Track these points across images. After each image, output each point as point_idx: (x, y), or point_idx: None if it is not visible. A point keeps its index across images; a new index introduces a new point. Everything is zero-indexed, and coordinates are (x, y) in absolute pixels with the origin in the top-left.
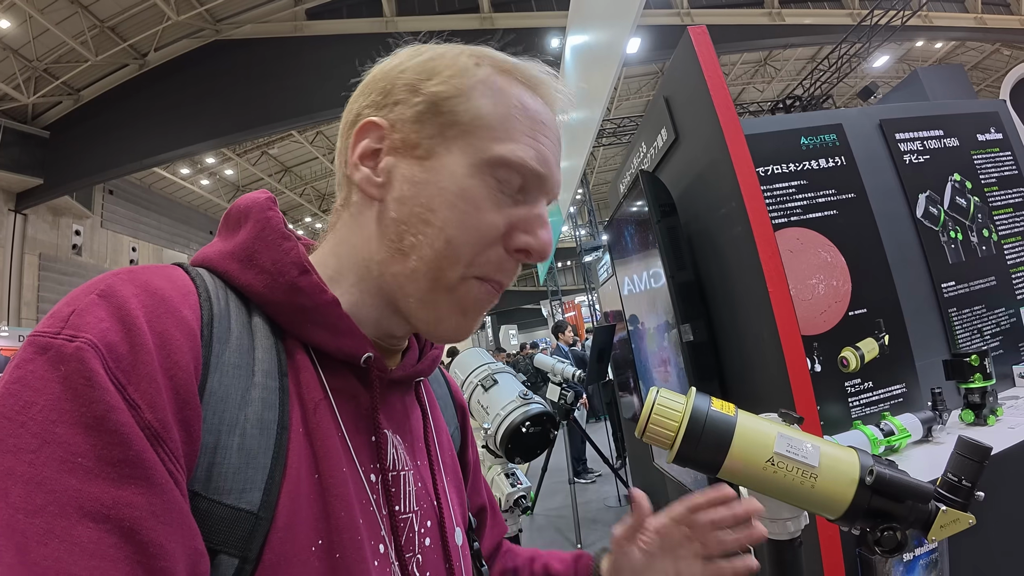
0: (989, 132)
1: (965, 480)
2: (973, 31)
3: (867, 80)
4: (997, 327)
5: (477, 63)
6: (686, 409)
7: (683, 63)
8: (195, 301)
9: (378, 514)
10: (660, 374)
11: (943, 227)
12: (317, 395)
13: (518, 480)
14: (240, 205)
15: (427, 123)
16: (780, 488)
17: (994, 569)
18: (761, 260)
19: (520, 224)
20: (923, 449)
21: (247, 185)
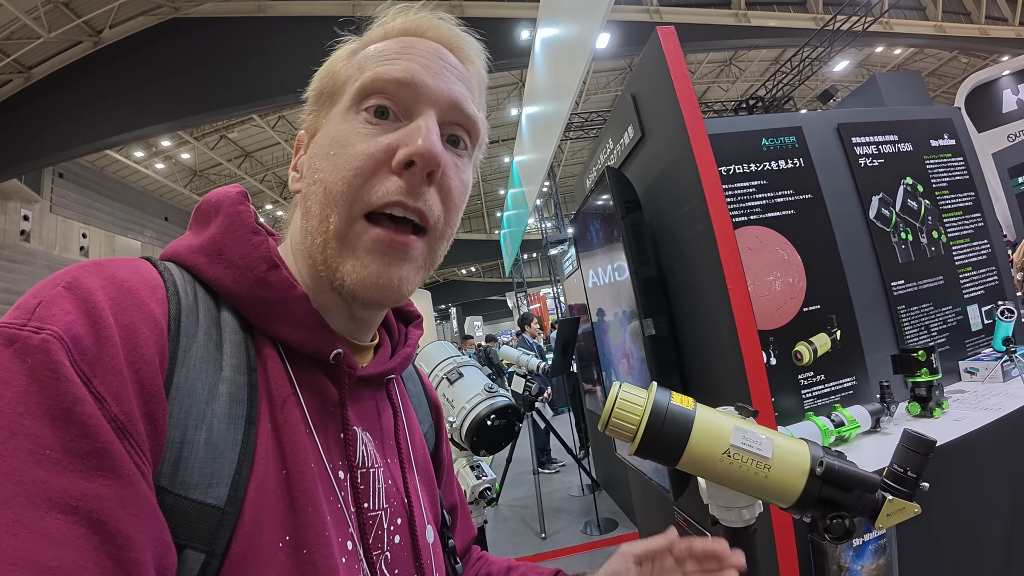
0: (942, 138)
1: (911, 471)
2: (932, 38)
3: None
4: (944, 324)
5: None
6: (647, 403)
7: (651, 62)
8: (162, 295)
9: (346, 511)
10: (623, 367)
11: (894, 228)
12: (285, 390)
13: (483, 472)
14: (211, 199)
15: (314, 112)
16: (736, 478)
17: (939, 553)
18: (721, 257)
19: (400, 140)
20: (872, 439)
21: (204, 170)
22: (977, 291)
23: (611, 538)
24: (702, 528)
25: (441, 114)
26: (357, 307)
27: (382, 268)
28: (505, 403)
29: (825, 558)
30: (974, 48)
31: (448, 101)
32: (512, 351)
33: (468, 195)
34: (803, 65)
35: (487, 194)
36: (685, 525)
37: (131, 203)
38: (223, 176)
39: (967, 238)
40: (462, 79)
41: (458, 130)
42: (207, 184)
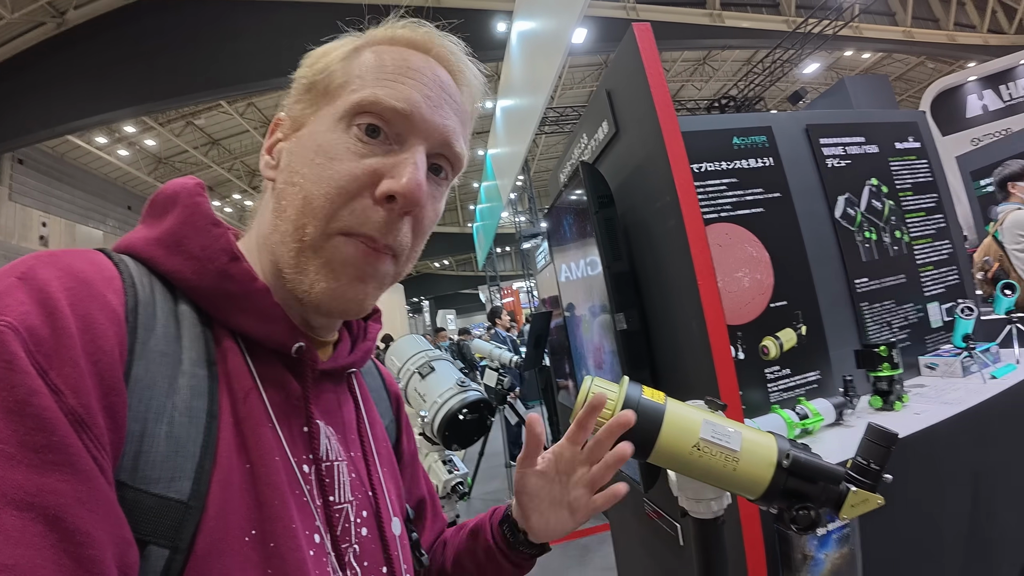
0: (908, 141)
1: (874, 463)
2: (901, 44)
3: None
4: (905, 321)
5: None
6: (619, 397)
7: (626, 58)
8: (119, 286)
9: (312, 504)
10: (594, 360)
11: (859, 227)
12: (247, 384)
13: (455, 467)
14: (167, 191)
15: (303, 102)
16: (705, 471)
17: (901, 543)
18: (692, 254)
19: (386, 170)
20: (835, 432)
21: (169, 157)
22: (938, 289)
23: (582, 530)
24: (672, 519)
25: (431, 147)
26: (313, 313)
27: (351, 283)
28: (477, 397)
29: (791, 548)
30: (941, 54)
31: (440, 137)
32: (485, 345)
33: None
34: (775, 66)
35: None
36: (655, 516)
37: (93, 191)
38: (189, 164)
39: (929, 238)
40: (458, 111)
41: (443, 161)
42: (172, 172)
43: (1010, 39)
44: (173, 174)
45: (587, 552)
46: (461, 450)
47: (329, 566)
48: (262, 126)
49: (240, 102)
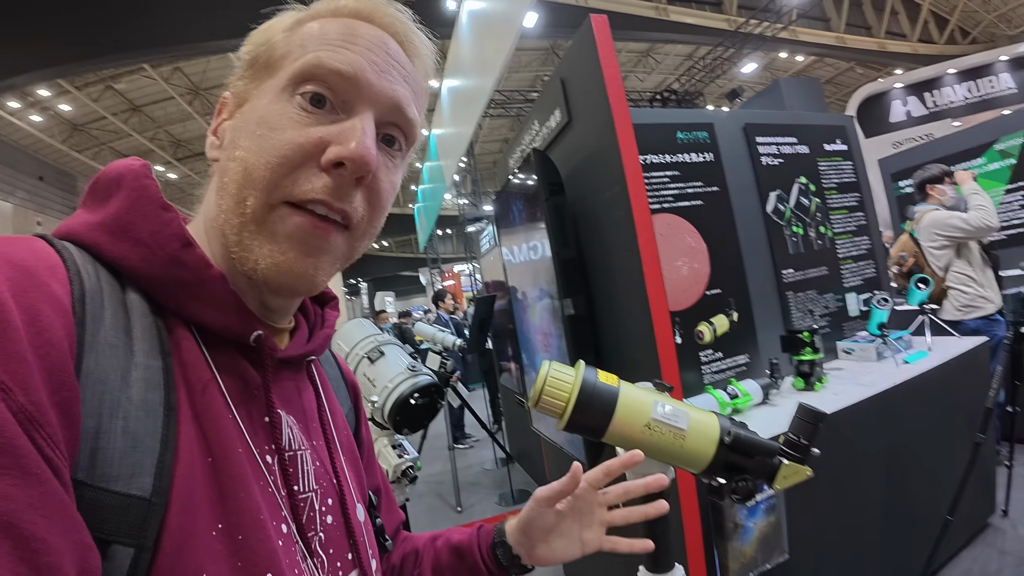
0: (836, 143)
1: (803, 439)
2: (833, 49)
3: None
4: (826, 309)
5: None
6: (576, 381)
7: (582, 49)
8: (63, 275)
9: (278, 495)
10: (541, 343)
11: (788, 222)
12: (205, 375)
13: (405, 451)
14: (110, 172)
15: (245, 77)
16: (655, 448)
17: (822, 512)
18: (639, 243)
19: (332, 137)
20: (762, 410)
21: (86, 124)
22: (856, 281)
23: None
24: None
25: (380, 114)
26: (267, 293)
27: (299, 256)
28: (428, 381)
29: (723, 517)
30: (871, 60)
31: (390, 102)
32: (428, 328)
33: (395, 195)
34: (715, 63)
35: None
36: None
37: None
38: (107, 131)
39: (850, 234)
40: (407, 79)
41: (395, 131)
42: (88, 140)
43: (939, 48)
44: (90, 142)
45: None
46: (412, 434)
47: (298, 554)
48: (188, 93)
49: (165, 66)
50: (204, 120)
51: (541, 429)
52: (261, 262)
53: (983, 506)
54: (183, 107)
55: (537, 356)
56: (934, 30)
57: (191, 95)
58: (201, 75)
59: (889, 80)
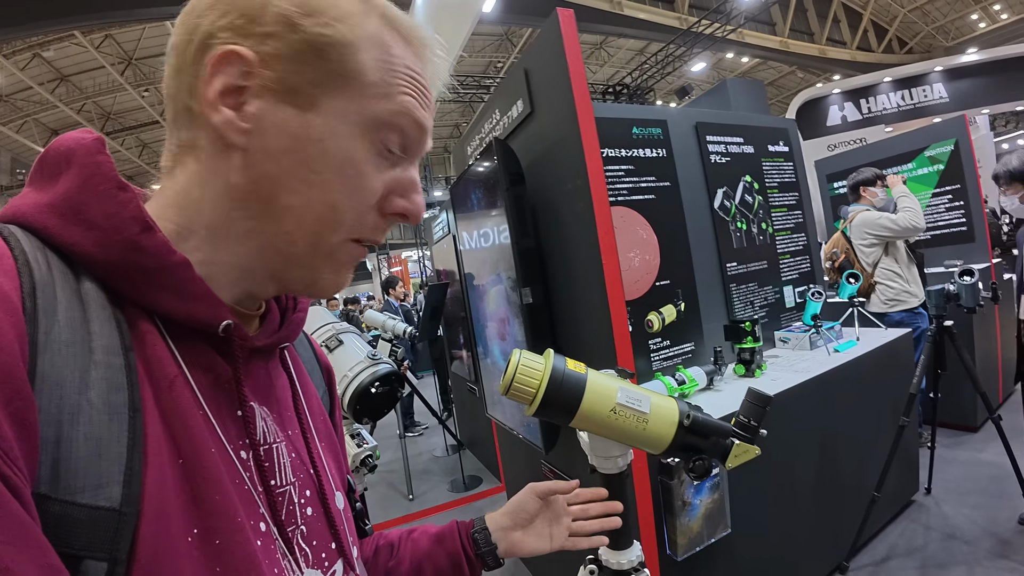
0: (778, 144)
1: (752, 421)
2: (777, 52)
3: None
4: (765, 301)
5: (365, 10)
6: (546, 369)
7: (548, 42)
8: (10, 265)
9: (254, 491)
10: (496, 331)
11: (733, 218)
12: (171, 371)
13: (364, 440)
14: (59, 147)
15: (309, 67)
16: (619, 431)
17: (761, 490)
18: (598, 235)
19: (396, 188)
20: (707, 395)
21: (11, 95)
22: (793, 275)
23: (476, 494)
24: (567, 476)
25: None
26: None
27: (344, 277)
28: (388, 370)
29: (672, 495)
30: (812, 65)
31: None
32: (378, 315)
33: None
34: (666, 60)
35: None
36: (551, 475)
37: None
38: (32, 103)
39: (788, 231)
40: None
41: None
42: (12, 111)
43: (876, 57)
44: (14, 114)
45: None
46: (371, 423)
47: (278, 552)
48: (120, 62)
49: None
50: (137, 92)
51: (496, 416)
52: (319, 284)
53: (908, 485)
54: (114, 77)
55: (493, 344)
56: (873, 39)
57: (123, 64)
58: (134, 44)
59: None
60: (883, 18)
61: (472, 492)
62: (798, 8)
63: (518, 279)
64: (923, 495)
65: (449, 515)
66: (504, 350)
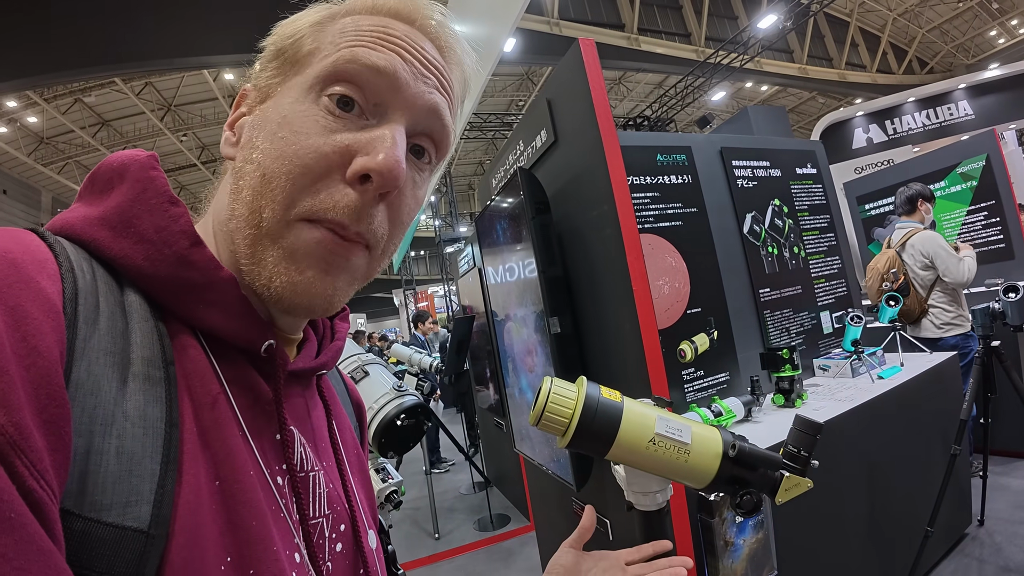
0: (806, 167)
1: (803, 450)
2: (796, 79)
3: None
4: (801, 327)
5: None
6: (579, 397)
7: (569, 71)
8: (54, 270)
9: (289, 520)
10: (525, 364)
11: (763, 243)
12: (214, 388)
13: (389, 475)
14: (112, 162)
15: (269, 70)
16: (659, 464)
17: (807, 526)
18: (628, 261)
19: (360, 147)
20: (745, 427)
21: (53, 138)
22: (829, 299)
23: (503, 533)
24: (600, 515)
25: (412, 122)
26: (277, 312)
27: (318, 275)
28: (415, 402)
29: (713, 535)
30: (832, 90)
31: (425, 106)
32: (404, 349)
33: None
34: (686, 91)
35: None
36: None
37: None
38: (74, 146)
39: (822, 254)
40: (444, 87)
41: (426, 142)
42: (54, 153)
43: (897, 79)
44: (56, 156)
45: (510, 555)
46: (397, 457)
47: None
48: (159, 108)
49: (137, 80)
50: (175, 137)
51: (524, 451)
52: (276, 279)
53: (960, 517)
54: (154, 123)
55: (521, 376)
56: (893, 61)
57: (162, 111)
58: (174, 91)
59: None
60: (901, 40)
61: (500, 531)
62: (815, 34)
63: (546, 309)
64: (976, 527)
65: (476, 555)
66: (532, 383)
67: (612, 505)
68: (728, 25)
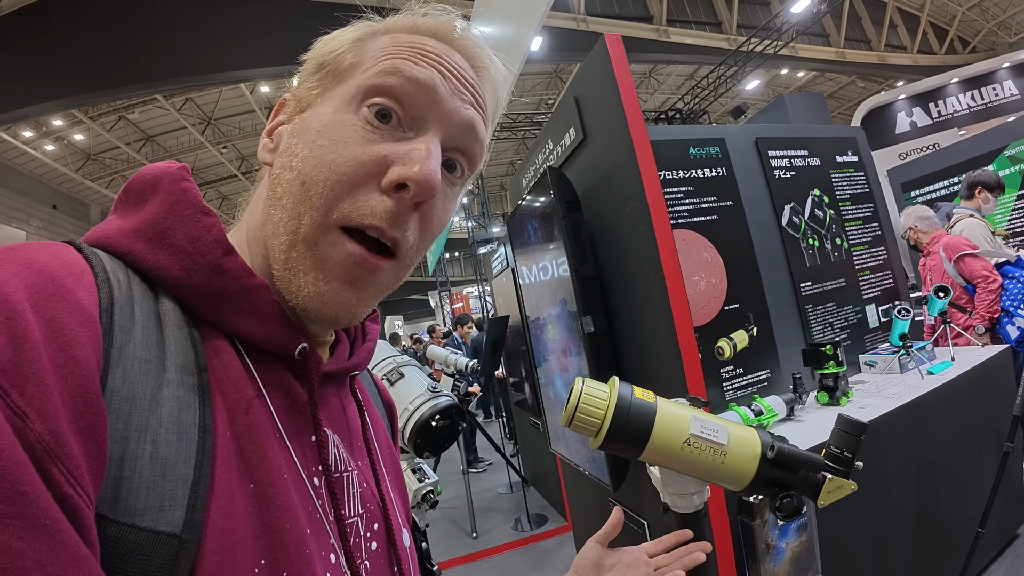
0: (847, 154)
1: (846, 452)
2: (834, 64)
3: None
4: (846, 322)
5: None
6: (611, 397)
7: (596, 67)
8: (90, 282)
9: (325, 520)
10: (559, 363)
11: (803, 235)
12: (248, 392)
13: (425, 475)
14: (146, 175)
15: (310, 82)
16: (694, 465)
17: (854, 529)
18: (661, 258)
19: (396, 157)
20: (787, 426)
21: (100, 154)
22: (874, 292)
23: (541, 533)
24: (637, 516)
25: (447, 136)
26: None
27: (343, 287)
28: (449, 403)
29: (754, 537)
30: (872, 73)
31: (460, 122)
32: (440, 350)
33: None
34: (718, 82)
35: None
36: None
37: (16, 188)
38: (120, 161)
39: (866, 245)
40: (478, 104)
41: (459, 156)
42: (101, 169)
43: (939, 59)
44: (103, 171)
45: (547, 555)
46: (432, 458)
47: None
48: (200, 123)
49: (178, 96)
50: (216, 149)
51: (560, 451)
52: (304, 288)
53: (1013, 516)
54: (195, 136)
55: (556, 376)
56: (934, 41)
57: (203, 124)
58: (213, 105)
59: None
60: (941, 19)
61: (537, 531)
62: (851, 16)
63: (579, 308)
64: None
65: (514, 555)
66: (567, 382)
67: (649, 506)
68: (760, 11)
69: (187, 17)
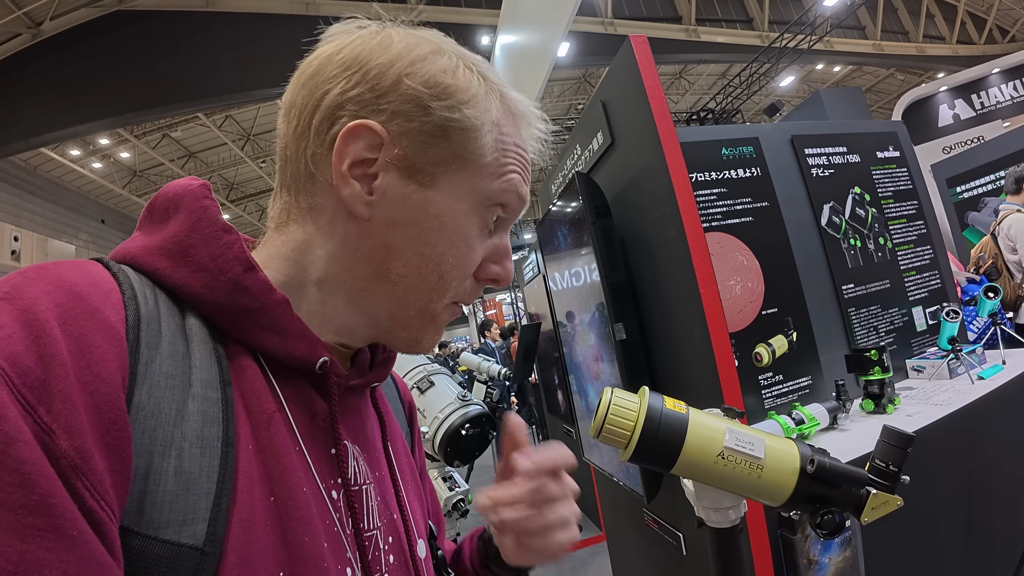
0: (888, 150)
1: (892, 465)
2: (871, 57)
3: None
4: (891, 325)
5: (486, 92)
6: (640, 408)
7: (622, 70)
8: (118, 300)
9: (343, 534)
10: (591, 371)
11: (844, 235)
12: (270, 406)
13: (456, 483)
14: (168, 193)
15: (434, 147)
16: (729, 480)
17: (901, 543)
18: (693, 262)
19: (492, 255)
20: (830, 436)
21: (145, 170)
22: (921, 294)
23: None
24: (674, 529)
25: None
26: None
27: (439, 335)
28: (479, 411)
29: (795, 552)
30: (911, 65)
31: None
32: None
33: None
34: (751, 80)
35: None
36: (653, 525)
37: (65, 204)
38: (164, 177)
39: (911, 244)
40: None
41: None
42: (147, 185)
43: (979, 49)
44: (148, 187)
45: (581, 565)
46: (463, 466)
47: None
48: (239, 139)
49: (218, 114)
50: (255, 164)
51: (593, 460)
52: (423, 342)
53: None
54: (235, 152)
55: (588, 384)
56: (972, 31)
57: (242, 140)
58: (252, 121)
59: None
60: (979, 7)
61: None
62: (887, 8)
63: (610, 314)
64: None
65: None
66: (599, 391)
67: (684, 519)
68: (792, 6)
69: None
